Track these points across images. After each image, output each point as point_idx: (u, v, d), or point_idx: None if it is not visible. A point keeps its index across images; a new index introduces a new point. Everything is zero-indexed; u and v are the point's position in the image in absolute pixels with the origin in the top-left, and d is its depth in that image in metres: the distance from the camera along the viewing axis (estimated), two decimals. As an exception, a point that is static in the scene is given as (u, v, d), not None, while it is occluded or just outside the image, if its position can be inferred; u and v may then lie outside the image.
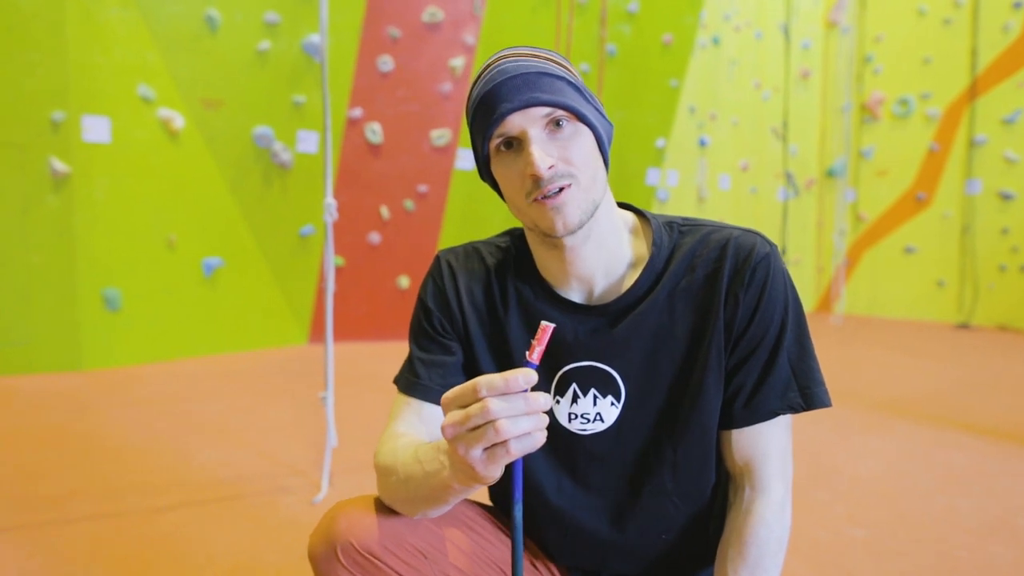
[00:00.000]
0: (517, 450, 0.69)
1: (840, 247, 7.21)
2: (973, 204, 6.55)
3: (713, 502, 1.00)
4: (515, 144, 0.88)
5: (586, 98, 0.90)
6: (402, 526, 0.94)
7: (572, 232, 0.89)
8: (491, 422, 0.68)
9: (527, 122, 0.86)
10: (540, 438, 0.70)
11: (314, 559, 0.94)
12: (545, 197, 0.86)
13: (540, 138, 0.86)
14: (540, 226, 0.90)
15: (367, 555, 0.91)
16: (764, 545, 0.91)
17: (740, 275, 0.92)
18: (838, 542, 2.01)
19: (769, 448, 0.94)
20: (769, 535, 0.91)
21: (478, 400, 0.69)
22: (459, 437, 0.71)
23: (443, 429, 0.71)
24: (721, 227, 0.97)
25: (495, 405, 0.68)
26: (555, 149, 0.86)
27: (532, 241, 0.98)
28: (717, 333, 0.92)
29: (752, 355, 0.93)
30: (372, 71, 5.10)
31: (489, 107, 0.87)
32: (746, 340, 0.92)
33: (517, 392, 0.69)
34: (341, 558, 0.91)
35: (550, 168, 0.85)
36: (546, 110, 0.86)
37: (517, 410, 0.68)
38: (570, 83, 0.89)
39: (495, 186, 0.95)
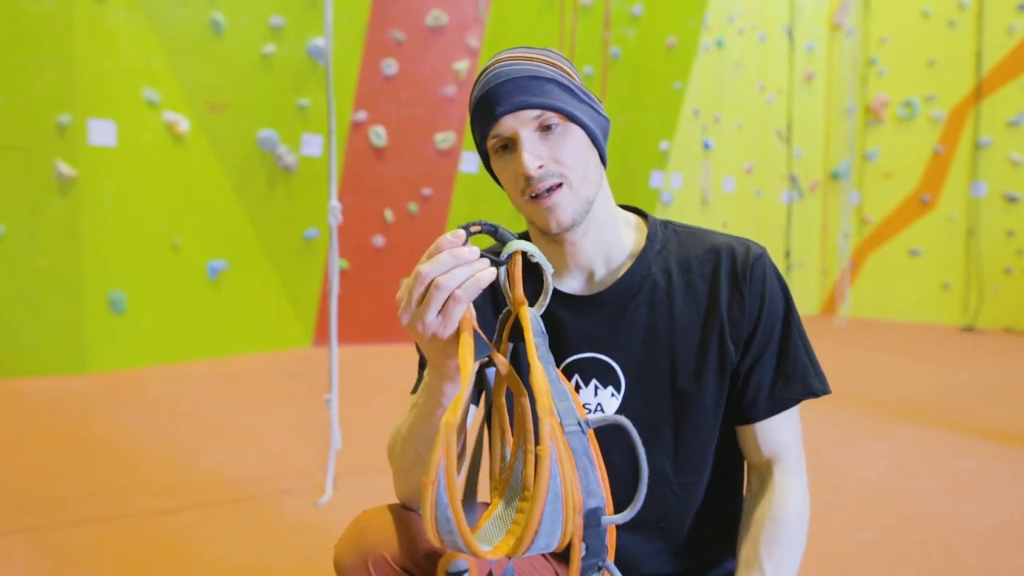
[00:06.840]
0: (465, 296, 0.73)
1: (844, 250, 7.20)
2: (978, 206, 6.53)
3: (711, 491, 1.02)
4: (510, 145, 0.93)
5: (578, 97, 0.95)
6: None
7: (566, 230, 0.94)
8: (430, 285, 0.73)
9: (518, 124, 0.91)
10: (484, 277, 0.74)
11: (342, 570, 0.94)
12: (537, 196, 0.92)
13: (531, 139, 0.91)
14: (536, 223, 0.96)
15: (400, 570, 0.91)
16: (795, 523, 0.94)
17: (742, 272, 0.97)
18: (844, 545, 2.01)
19: (792, 435, 0.99)
20: (800, 516, 0.95)
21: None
22: (411, 313, 0.75)
23: (400, 318, 0.77)
24: (714, 233, 1.03)
25: (424, 268, 0.73)
26: (545, 149, 0.91)
27: (534, 234, 1.03)
28: (719, 327, 0.97)
29: (766, 349, 0.97)
30: (376, 74, 5.12)
31: (484, 110, 0.92)
32: (759, 335, 0.97)
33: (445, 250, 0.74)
34: (372, 570, 0.91)
35: (540, 168, 0.90)
36: (535, 112, 0.91)
37: (446, 265, 0.73)
38: (560, 84, 0.93)
39: (499, 182, 1.00)
